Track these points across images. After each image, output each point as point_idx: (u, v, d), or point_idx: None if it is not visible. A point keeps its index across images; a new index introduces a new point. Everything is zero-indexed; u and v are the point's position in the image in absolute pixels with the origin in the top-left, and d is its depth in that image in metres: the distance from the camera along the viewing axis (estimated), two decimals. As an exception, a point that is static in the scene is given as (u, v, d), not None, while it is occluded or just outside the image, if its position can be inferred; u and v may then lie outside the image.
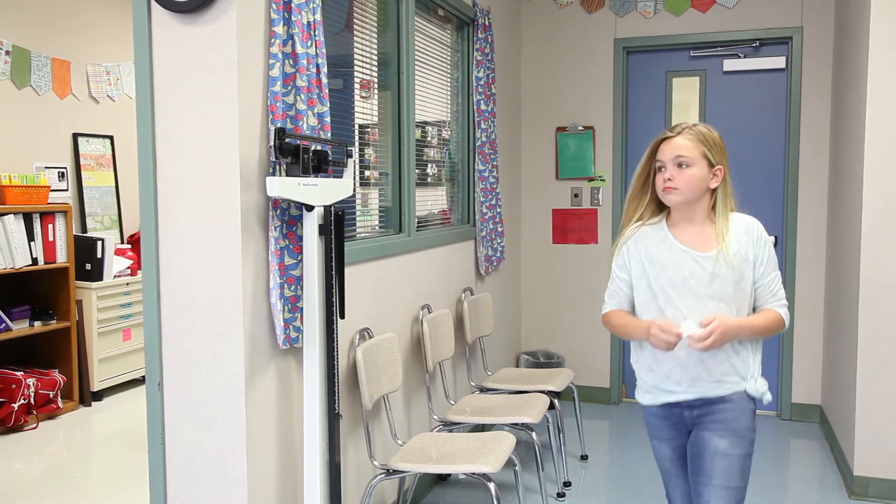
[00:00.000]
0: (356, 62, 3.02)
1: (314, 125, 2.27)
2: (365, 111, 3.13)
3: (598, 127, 4.76)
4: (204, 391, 2.17)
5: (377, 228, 3.21)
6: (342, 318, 2.34)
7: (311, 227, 2.19)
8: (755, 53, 4.50)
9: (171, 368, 2.21)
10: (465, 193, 4.16)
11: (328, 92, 2.33)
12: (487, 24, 4.05)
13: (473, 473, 2.59)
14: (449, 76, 3.98)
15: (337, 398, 2.26)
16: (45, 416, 4.47)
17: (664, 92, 4.68)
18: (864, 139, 3.34)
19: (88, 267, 4.86)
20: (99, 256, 4.86)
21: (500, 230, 4.27)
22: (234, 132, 2.08)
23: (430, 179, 3.77)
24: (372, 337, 2.85)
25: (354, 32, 2.98)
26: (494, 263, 4.26)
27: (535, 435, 3.13)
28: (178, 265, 2.18)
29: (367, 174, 3.15)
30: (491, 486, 2.60)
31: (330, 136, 2.35)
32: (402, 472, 2.67)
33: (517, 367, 4.86)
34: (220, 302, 2.13)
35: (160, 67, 2.15)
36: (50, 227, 4.61)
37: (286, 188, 2.07)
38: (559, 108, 4.85)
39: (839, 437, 3.82)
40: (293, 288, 2.23)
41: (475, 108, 3.99)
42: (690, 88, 4.64)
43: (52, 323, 4.65)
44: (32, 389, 4.34)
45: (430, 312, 3.40)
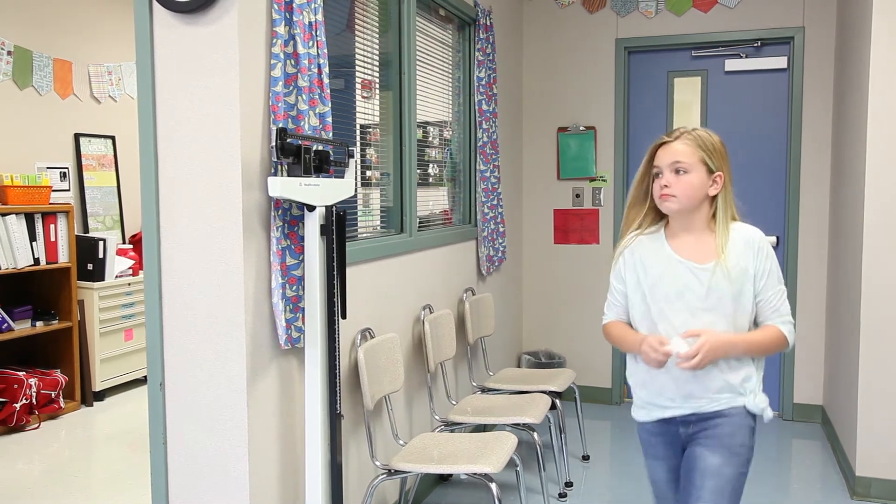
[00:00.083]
0: (358, 62, 3.02)
1: (316, 125, 2.27)
2: (366, 111, 3.13)
3: (599, 127, 4.76)
4: (206, 391, 2.17)
5: (379, 229, 3.21)
6: (344, 318, 2.33)
7: (312, 227, 2.19)
8: (757, 53, 4.50)
9: (172, 368, 2.21)
10: (466, 193, 4.16)
11: (330, 92, 2.33)
12: (489, 24, 4.05)
13: (475, 474, 2.59)
14: (450, 76, 3.98)
15: (338, 398, 2.26)
16: (46, 416, 4.47)
17: (666, 92, 4.68)
18: (865, 138, 3.33)
19: (90, 267, 4.86)
20: (101, 256, 4.87)
21: (501, 230, 4.27)
22: (235, 132, 2.08)
23: (431, 179, 3.77)
24: (373, 337, 2.85)
25: (356, 32, 2.99)
26: (496, 264, 4.26)
27: (536, 435, 3.13)
28: (179, 265, 2.18)
29: (368, 174, 3.15)
30: (492, 486, 2.60)
31: (331, 136, 2.35)
32: (403, 472, 2.67)
33: (518, 367, 4.86)
34: (221, 302, 2.13)
35: (162, 68, 2.15)
36: (52, 227, 4.61)
37: (288, 188, 2.07)
38: (561, 108, 4.85)
39: (841, 437, 3.81)
40: (295, 288, 2.23)
41: (476, 108, 3.99)
42: (692, 88, 4.64)
43: (53, 323, 4.66)
44: (34, 389, 4.35)
45: (431, 312, 3.40)
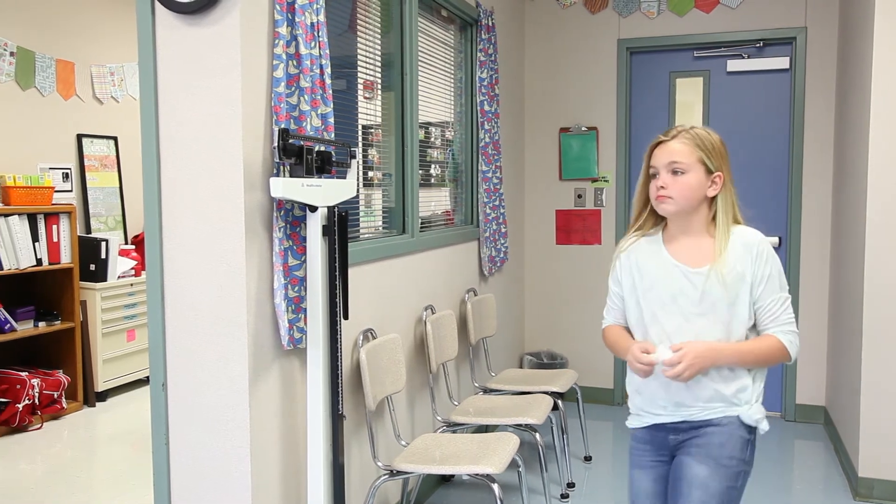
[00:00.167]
0: (360, 63, 3.02)
1: (318, 126, 2.27)
2: (368, 112, 3.13)
3: (601, 127, 4.76)
4: (208, 392, 2.17)
5: (381, 229, 3.21)
6: (346, 318, 2.34)
7: (314, 227, 2.19)
8: (759, 54, 4.50)
9: (175, 369, 2.21)
10: (468, 194, 4.16)
11: (332, 93, 2.33)
12: (491, 24, 4.04)
13: (477, 474, 2.59)
14: (452, 77, 3.98)
15: (340, 399, 2.26)
16: (49, 416, 4.47)
17: (668, 92, 4.68)
18: (868, 139, 3.33)
19: (93, 267, 4.87)
20: (103, 257, 4.87)
21: (503, 231, 4.27)
22: (237, 133, 2.08)
23: (433, 180, 3.77)
24: (375, 338, 2.85)
25: (358, 33, 2.99)
26: (498, 264, 4.26)
27: (538, 436, 3.13)
28: (181, 266, 2.18)
29: (370, 175, 3.15)
30: (494, 486, 2.60)
31: (333, 136, 2.35)
32: (405, 472, 2.67)
33: (521, 367, 4.86)
34: (223, 303, 2.13)
35: (164, 68, 2.16)
36: (54, 227, 4.62)
37: (290, 189, 2.07)
38: (563, 108, 4.85)
39: (843, 438, 3.81)
40: (297, 289, 2.23)
41: (478, 108, 3.99)
42: (694, 89, 4.63)
43: (56, 323, 4.66)
44: (37, 390, 4.35)
45: (433, 313, 3.40)
